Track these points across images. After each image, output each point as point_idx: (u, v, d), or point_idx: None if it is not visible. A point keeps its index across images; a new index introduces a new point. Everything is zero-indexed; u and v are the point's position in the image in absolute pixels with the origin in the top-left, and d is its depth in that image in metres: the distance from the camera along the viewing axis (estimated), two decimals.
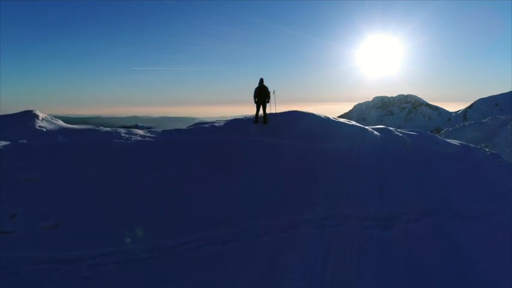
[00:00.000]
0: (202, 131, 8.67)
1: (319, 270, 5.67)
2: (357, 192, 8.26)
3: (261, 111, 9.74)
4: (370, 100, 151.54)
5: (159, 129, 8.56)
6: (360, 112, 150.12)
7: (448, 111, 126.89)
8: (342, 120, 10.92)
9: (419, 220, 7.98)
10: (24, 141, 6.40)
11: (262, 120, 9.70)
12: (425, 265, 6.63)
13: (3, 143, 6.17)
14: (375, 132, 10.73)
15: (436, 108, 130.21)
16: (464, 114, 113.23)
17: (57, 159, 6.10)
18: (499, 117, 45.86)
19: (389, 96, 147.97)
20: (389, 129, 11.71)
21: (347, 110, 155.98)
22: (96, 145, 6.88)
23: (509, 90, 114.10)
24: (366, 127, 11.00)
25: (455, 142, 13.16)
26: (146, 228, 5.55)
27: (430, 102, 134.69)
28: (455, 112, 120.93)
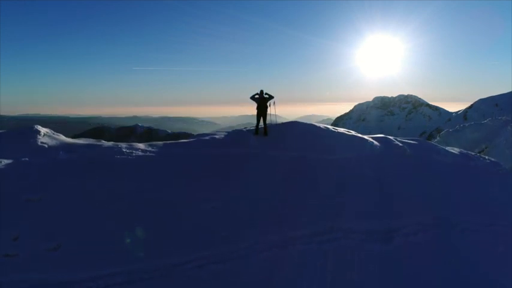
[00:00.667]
0: (202, 144, 8.72)
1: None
2: (356, 205, 8.31)
3: (261, 123, 9.82)
4: (371, 100, 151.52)
5: (160, 143, 8.59)
6: (360, 112, 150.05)
7: (448, 112, 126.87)
8: (341, 130, 10.96)
9: (418, 233, 8.05)
10: (27, 159, 6.45)
11: (263, 132, 9.75)
12: (426, 280, 6.70)
13: (6, 161, 6.22)
14: (375, 142, 10.78)
15: (436, 108, 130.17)
16: (465, 114, 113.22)
17: (59, 177, 6.14)
18: (499, 118, 45.90)
19: (390, 96, 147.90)
20: (389, 139, 11.76)
21: (347, 110, 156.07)
22: (97, 161, 6.93)
23: (510, 90, 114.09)
24: (365, 137, 11.04)
25: (455, 150, 13.20)
26: (147, 248, 5.60)
27: (430, 103, 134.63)
28: (456, 112, 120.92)
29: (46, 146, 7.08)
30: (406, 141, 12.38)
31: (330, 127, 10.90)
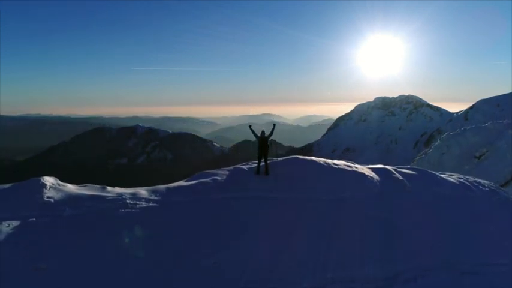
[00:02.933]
0: (204, 188, 8.87)
1: None
2: (357, 250, 8.45)
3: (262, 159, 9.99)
4: (371, 100, 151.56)
5: (163, 188, 8.74)
6: (361, 113, 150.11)
7: (449, 112, 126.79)
8: (341, 164, 11.08)
9: (417, 279, 8.19)
10: (34, 219, 6.60)
11: (264, 171, 9.90)
12: None
13: (13, 223, 6.37)
14: (375, 177, 10.91)
15: (438, 109, 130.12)
16: (466, 115, 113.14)
17: (66, 240, 6.30)
18: (500, 121, 45.85)
19: (391, 96, 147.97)
20: (389, 171, 11.88)
21: (348, 111, 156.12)
22: (102, 218, 7.08)
23: (511, 90, 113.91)
24: (365, 171, 11.16)
25: (454, 178, 13.30)
26: None
27: (431, 103, 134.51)
28: (457, 113, 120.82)
29: (52, 200, 7.22)
30: (406, 171, 12.51)
31: (330, 161, 11.03)
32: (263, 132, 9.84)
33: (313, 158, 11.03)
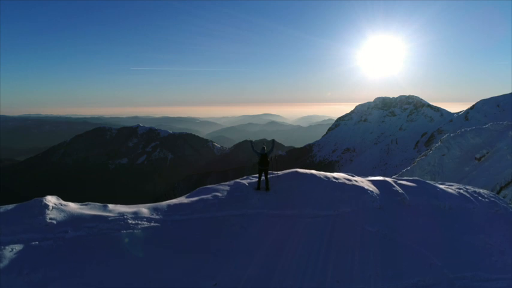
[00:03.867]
0: (204, 205, 8.93)
1: None
2: (358, 267, 8.52)
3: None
4: (372, 101, 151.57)
5: (165, 206, 8.80)
6: (361, 113, 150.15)
7: (449, 112, 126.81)
8: (341, 178, 11.14)
9: None
10: (37, 242, 6.68)
11: (265, 187, 9.97)
12: None
13: (17, 247, 6.44)
14: (374, 192, 10.96)
15: (438, 109, 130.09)
16: (466, 115, 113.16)
17: (69, 265, 6.38)
18: (501, 123, 45.89)
19: (391, 97, 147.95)
20: (388, 183, 11.93)
21: (348, 111, 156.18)
22: (104, 239, 7.16)
23: (511, 91, 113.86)
24: (365, 184, 11.22)
25: (454, 189, 13.34)
26: None
27: (431, 103, 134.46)
28: (457, 113, 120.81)
29: (55, 222, 7.29)
30: (405, 183, 12.56)
31: (330, 175, 11.09)
32: (263, 148, 9.90)
33: (313, 171, 11.09)
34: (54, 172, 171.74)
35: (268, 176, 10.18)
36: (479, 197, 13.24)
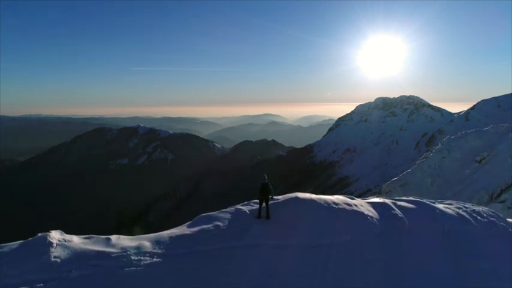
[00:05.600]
0: (205, 236, 9.05)
1: None
2: None
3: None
4: (372, 101, 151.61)
5: (167, 238, 8.92)
6: (361, 113, 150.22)
7: (450, 113, 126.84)
8: (340, 203, 11.24)
9: None
10: (41, 284, 6.79)
11: (265, 215, 10.09)
12: None
13: None
14: (374, 217, 11.07)
15: (439, 109, 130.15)
16: (467, 115, 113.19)
17: None
18: (501, 125, 45.95)
19: (392, 97, 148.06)
20: (388, 206, 12.03)
21: (349, 111, 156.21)
22: (108, 278, 7.28)
23: None
24: (365, 209, 11.32)
25: (452, 209, 13.44)
26: None
27: (432, 103, 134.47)
28: (458, 113, 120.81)
29: (59, 260, 7.40)
30: (405, 204, 12.65)
31: (330, 200, 11.20)
32: (264, 177, 10.04)
33: (313, 197, 11.19)
34: (55, 172, 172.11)
35: (269, 202, 10.30)
36: (478, 217, 13.33)
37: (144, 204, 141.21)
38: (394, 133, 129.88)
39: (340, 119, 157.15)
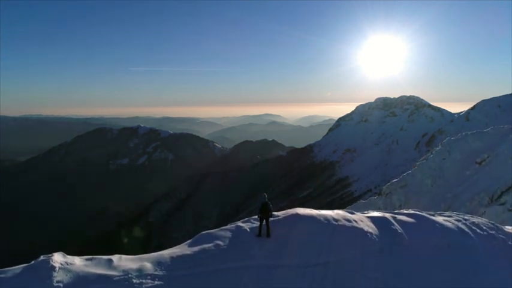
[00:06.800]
0: (205, 256, 9.11)
1: None
2: None
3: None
4: (373, 101, 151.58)
5: (168, 259, 8.98)
6: (362, 113, 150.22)
7: (450, 113, 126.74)
8: (340, 219, 11.28)
9: None
10: None
11: (266, 233, 10.15)
12: None
13: None
14: (374, 233, 11.12)
15: (439, 109, 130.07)
16: (467, 115, 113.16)
17: None
18: (502, 126, 45.94)
19: (392, 97, 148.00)
20: (388, 221, 12.06)
21: (349, 111, 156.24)
22: None
23: None
24: (365, 228, 11.35)
25: (452, 221, 13.47)
26: None
27: (432, 103, 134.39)
28: (458, 113, 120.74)
29: (61, 285, 7.45)
30: (404, 219, 12.69)
31: (330, 217, 11.24)
32: (264, 196, 10.12)
33: (313, 213, 11.23)
34: (55, 172, 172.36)
35: (270, 219, 10.36)
36: (478, 230, 13.37)
37: (144, 204, 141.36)
38: (394, 133, 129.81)
39: (340, 119, 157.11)
